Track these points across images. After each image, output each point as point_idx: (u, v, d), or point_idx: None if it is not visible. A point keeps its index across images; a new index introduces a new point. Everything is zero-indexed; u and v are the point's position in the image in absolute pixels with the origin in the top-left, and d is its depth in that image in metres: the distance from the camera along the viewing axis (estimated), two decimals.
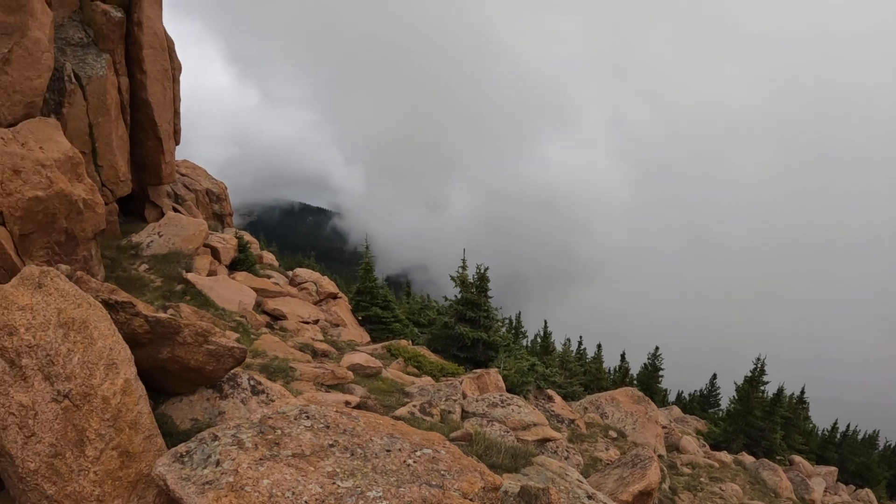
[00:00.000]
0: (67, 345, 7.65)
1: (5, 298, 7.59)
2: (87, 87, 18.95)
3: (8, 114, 15.29)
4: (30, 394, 7.38)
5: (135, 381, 8.06)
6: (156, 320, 9.16)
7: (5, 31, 15.20)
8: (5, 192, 13.99)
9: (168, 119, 22.92)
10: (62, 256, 15.57)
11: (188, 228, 21.45)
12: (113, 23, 20.69)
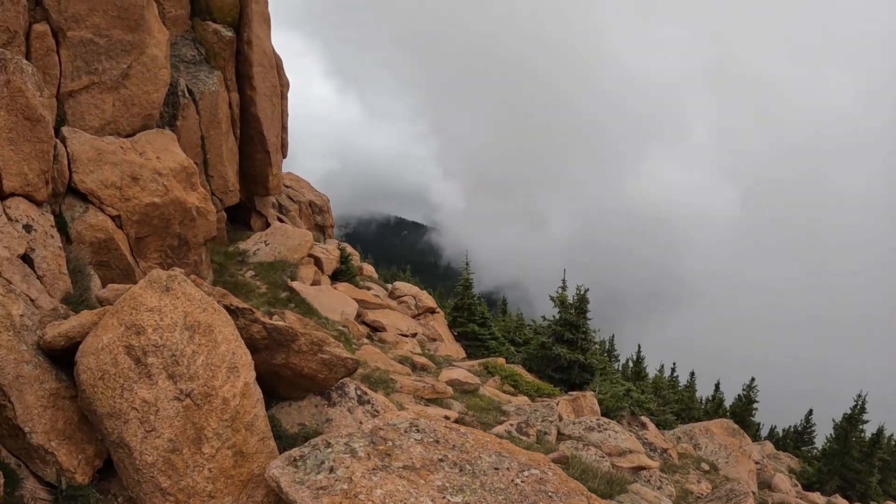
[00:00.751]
0: (192, 347, 8.04)
1: (134, 299, 8.04)
2: (200, 101, 19.90)
3: (127, 125, 16.24)
4: (153, 391, 7.78)
5: (253, 385, 8.41)
6: (273, 327, 9.56)
7: (125, 48, 16.17)
8: (124, 198, 14.82)
9: (276, 133, 23.82)
10: (174, 260, 16.31)
11: (294, 239, 22.16)
12: (224, 42, 21.69)
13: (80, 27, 15.41)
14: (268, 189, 23.83)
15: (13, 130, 12.56)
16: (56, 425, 8.50)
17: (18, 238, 12.18)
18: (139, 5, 16.41)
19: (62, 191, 14.26)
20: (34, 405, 8.45)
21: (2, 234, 12.01)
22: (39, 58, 14.78)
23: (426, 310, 28.46)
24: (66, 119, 15.25)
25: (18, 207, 12.71)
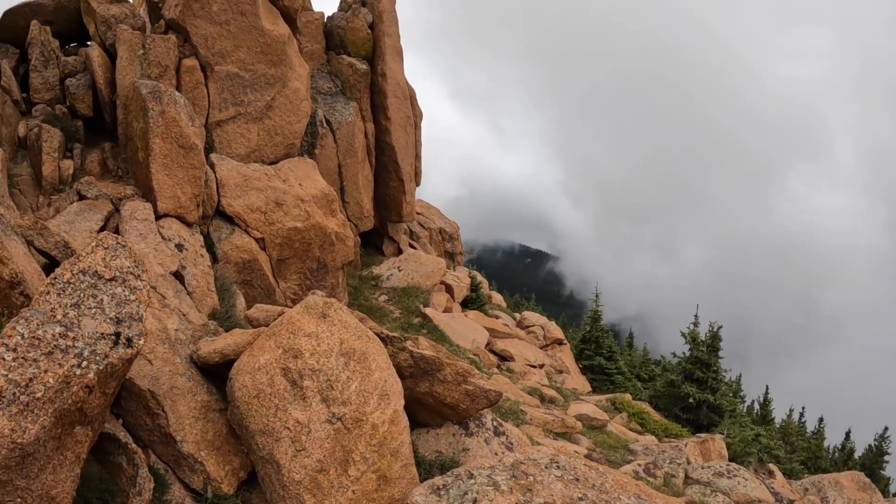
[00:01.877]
0: (347, 373, 8.34)
1: (292, 324, 8.41)
2: (338, 131, 20.65)
3: (271, 153, 17.07)
4: (307, 413, 8.08)
5: (402, 412, 8.64)
6: (420, 356, 9.80)
7: (269, 81, 17.07)
8: (268, 222, 15.52)
9: (410, 162, 24.40)
10: (313, 282, 16.86)
11: (427, 266, 22.52)
12: (359, 74, 22.48)
13: (226, 62, 16.38)
14: (401, 216, 24.36)
15: (168, 157, 13.39)
16: (206, 436, 8.91)
17: (171, 256, 12.95)
18: (281, 41, 17.31)
19: (211, 213, 15.10)
20: (186, 415, 8.89)
21: (157, 252, 12.81)
22: (189, 90, 15.77)
23: (554, 341, 28.15)
24: (215, 146, 16.16)
25: (171, 228, 13.55)
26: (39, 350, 5.51)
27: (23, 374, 5.39)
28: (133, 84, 14.17)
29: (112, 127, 15.58)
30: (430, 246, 28.83)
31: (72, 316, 5.78)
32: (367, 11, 23.86)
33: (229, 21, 16.35)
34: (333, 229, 16.83)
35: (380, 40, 23.55)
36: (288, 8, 18.07)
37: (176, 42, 15.68)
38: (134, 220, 13.08)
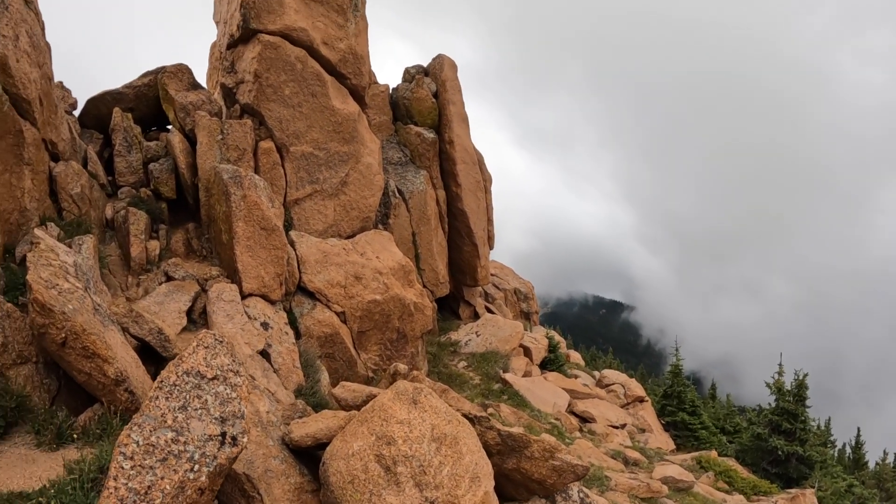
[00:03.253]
0: (439, 458, 8.39)
1: (385, 411, 8.53)
2: (410, 200, 20.96)
3: (347, 227, 17.38)
4: (400, 497, 8.11)
5: (492, 493, 8.65)
6: (507, 434, 9.86)
7: (343, 158, 17.51)
8: (348, 296, 15.74)
9: (482, 226, 24.57)
10: (393, 352, 16.96)
11: (505, 330, 22.45)
12: (427, 143, 22.87)
13: (301, 142, 16.88)
14: (476, 280, 24.45)
15: (251, 239, 13.76)
16: None
17: (258, 335, 13.22)
18: (352, 119, 17.79)
19: (293, 290, 15.41)
20: (281, 498, 8.96)
21: (244, 332, 13.10)
22: (267, 171, 16.25)
23: (635, 398, 27.56)
24: (293, 224, 16.55)
25: (256, 307, 13.85)
26: (154, 457, 5.68)
27: (141, 482, 5.55)
28: (214, 169, 14.70)
29: (195, 208, 16.11)
30: (506, 307, 28.78)
31: (181, 419, 5.94)
32: (430, 81, 24.38)
33: (301, 103, 16.92)
34: (412, 300, 16.98)
35: (445, 108, 23.99)
36: (356, 86, 18.60)
37: (252, 126, 16.26)
38: (221, 301, 13.42)
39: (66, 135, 14.72)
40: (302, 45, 17.26)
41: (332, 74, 17.93)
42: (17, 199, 12.03)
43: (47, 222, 12.84)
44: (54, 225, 12.87)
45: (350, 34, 18.70)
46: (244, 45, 17.11)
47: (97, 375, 7.83)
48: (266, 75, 16.48)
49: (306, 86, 17.04)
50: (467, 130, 25.30)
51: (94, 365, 7.77)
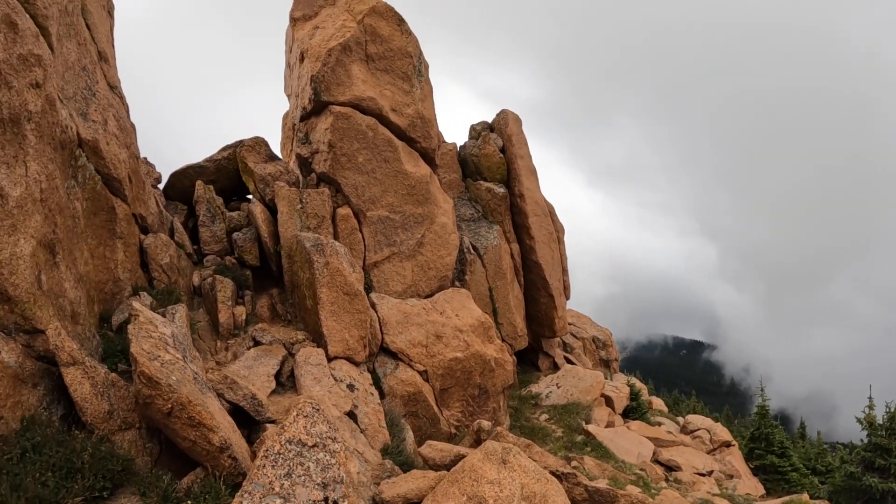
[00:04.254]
0: None
1: (475, 471, 8.77)
2: (485, 256, 21.30)
3: (426, 287, 17.79)
4: None
5: None
6: (595, 489, 9.97)
7: (418, 220, 18.02)
8: (429, 354, 16.04)
9: (558, 277, 24.70)
10: (475, 408, 17.11)
11: (585, 380, 22.38)
12: (498, 198, 23.27)
13: (377, 207, 17.46)
14: (554, 331, 24.51)
15: (335, 304, 14.23)
16: None
17: (345, 397, 13.58)
18: (425, 181, 18.34)
19: (375, 351, 15.80)
20: None
21: (331, 394, 13.47)
22: (346, 236, 16.82)
23: (721, 443, 26.89)
24: (373, 286, 17.02)
25: (342, 369, 14.25)
26: None
27: None
28: (296, 237, 15.32)
29: (278, 275, 16.73)
30: (585, 356, 28.65)
31: (287, 486, 6.26)
32: (496, 136, 24.85)
33: (375, 169, 17.54)
34: (492, 355, 17.18)
35: (513, 162, 24.39)
36: (426, 149, 19.18)
37: (329, 194, 16.92)
38: (308, 364, 13.87)
39: (153, 208, 15.54)
40: (372, 114, 17.97)
41: (402, 139, 18.57)
42: (111, 271, 12.73)
43: (140, 291, 13.51)
44: (147, 294, 13.54)
45: (416, 99, 19.36)
46: (317, 116, 17.92)
47: (202, 443, 8.22)
48: (339, 144, 17.18)
49: (378, 152, 17.68)
50: (536, 183, 25.63)
51: (200, 433, 8.17)
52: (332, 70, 17.80)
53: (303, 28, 20.32)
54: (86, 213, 12.07)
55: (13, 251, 8.04)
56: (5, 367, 7.89)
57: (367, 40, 18.78)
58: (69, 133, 11.14)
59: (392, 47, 19.29)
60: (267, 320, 16.05)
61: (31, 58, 8.74)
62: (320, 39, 18.64)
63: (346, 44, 18.27)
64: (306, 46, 18.86)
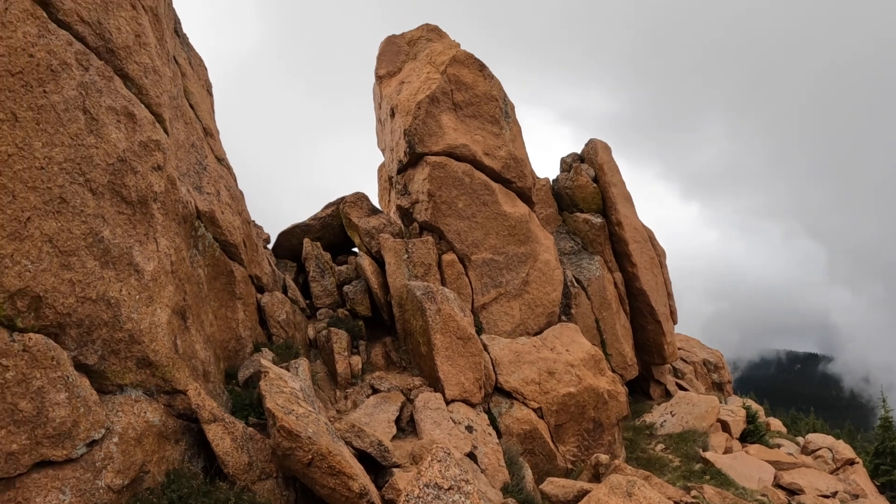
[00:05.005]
0: None
1: None
2: (588, 287, 21.42)
3: (534, 324, 18.04)
4: None
5: None
6: None
7: (521, 259, 18.36)
8: (543, 391, 16.23)
9: (663, 302, 24.56)
10: (590, 442, 17.15)
11: (700, 406, 22.05)
12: (596, 228, 23.39)
13: (480, 250, 17.88)
14: (664, 358, 24.32)
15: (449, 349, 14.64)
16: None
17: (464, 439, 13.92)
18: (524, 221, 18.70)
19: (490, 391, 16.09)
20: None
21: (451, 436, 13.83)
22: (452, 281, 17.27)
23: (844, 462, 25.87)
24: (483, 327, 17.38)
25: (459, 411, 14.62)
26: None
27: None
28: (405, 286, 15.86)
29: (390, 323, 17.28)
30: (697, 380, 28.20)
31: None
32: (587, 167, 25.02)
33: (475, 213, 18.01)
34: (605, 388, 17.25)
35: (607, 191, 24.50)
36: (522, 188, 19.57)
37: (433, 242, 17.47)
38: (427, 409, 14.28)
39: (267, 268, 16.36)
40: (466, 160, 18.50)
41: (497, 181, 19.02)
42: (233, 329, 13.48)
43: (261, 348, 14.25)
44: (268, 350, 14.25)
45: (507, 140, 19.81)
46: (413, 168, 18.57)
47: (341, 490, 8.70)
48: (438, 193, 17.74)
49: (477, 196, 18.16)
50: (633, 209, 25.65)
51: (339, 481, 8.67)
52: (423, 122, 18.45)
53: (389, 84, 21.15)
54: (208, 278, 12.87)
55: (152, 320, 8.69)
56: (150, 426, 8.52)
57: (452, 89, 19.40)
58: (189, 207, 11.99)
59: (477, 93, 19.86)
60: (382, 368, 16.58)
61: (151, 143, 9.48)
62: (408, 94, 19.37)
63: (433, 95, 18.92)
64: (395, 102, 19.62)
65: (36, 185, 7.06)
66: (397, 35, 22.76)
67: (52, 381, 6.93)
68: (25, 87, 7.19)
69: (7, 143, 6.86)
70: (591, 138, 26.22)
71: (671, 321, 25.38)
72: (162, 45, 11.43)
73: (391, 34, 22.86)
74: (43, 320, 6.99)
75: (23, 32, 7.28)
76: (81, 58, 8.08)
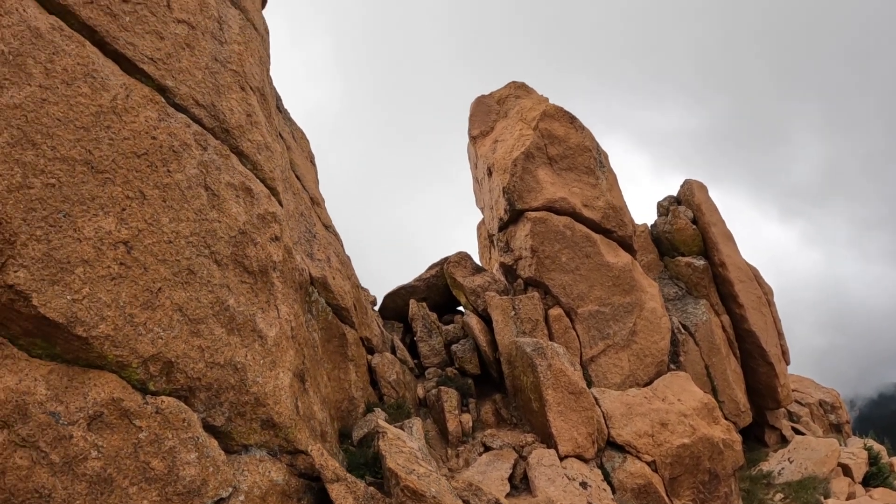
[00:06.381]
0: None
1: None
2: (696, 333, 21.15)
3: (643, 375, 17.95)
4: None
5: None
6: None
7: (627, 309, 18.37)
8: (656, 444, 16.09)
9: (774, 343, 23.97)
10: (706, 494, 16.83)
11: (819, 451, 21.33)
12: (699, 271, 23.14)
13: (586, 303, 17.99)
14: (778, 401, 23.62)
15: (561, 404, 14.76)
16: None
17: (579, 495, 13.92)
18: (628, 270, 18.74)
19: (602, 445, 16.04)
20: None
21: (565, 493, 13.86)
22: (560, 335, 17.41)
23: None
24: (592, 380, 17.40)
25: (573, 467, 14.63)
26: None
27: None
28: (514, 343, 16.09)
29: (499, 380, 17.48)
30: (813, 423, 27.20)
31: None
32: (684, 209, 24.83)
33: (578, 266, 18.16)
34: (719, 437, 16.95)
35: (707, 232, 24.22)
36: (622, 237, 19.62)
37: (539, 297, 17.68)
38: (541, 466, 14.36)
39: (376, 330, 16.87)
40: (566, 213, 18.72)
41: (598, 232, 19.14)
42: (345, 391, 13.93)
43: (373, 408, 14.65)
44: (380, 410, 14.63)
45: (604, 190, 19.96)
46: (514, 225, 18.91)
47: None
48: (541, 248, 17.99)
49: (579, 249, 18.32)
50: (734, 247, 25.26)
51: None
52: (521, 178, 18.81)
53: (483, 144, 21.65)
54: (321, 341, 13.42)
55: (275, 384, 9.11)
56: (274, 485, 8.89)
57: (545, 144, 19.74)
58: (304, 275, 12.59)
59: (570, 145, 20.14)
60: (493, 425, 16.75)
61: (268, 215, 10.04)
62: (503, 152, 19.80)
63: (528, 151, 19.30)
64: (491, 161, 20.07)
65: (165, 257, 7.66)
66: (486, 95, 23.32)
67: (183, 442, 7.36)
68: (151, 167, 7.86)
69: (137, 219, 7.48)
70: (686, 179, 26.08)
71: (783, 362, 24.69)
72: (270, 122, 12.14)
73: (480, 95, 23.45)
74: (174, 384, 7.48)
75: (144, 117, 7.98)
76: (199, 138, 8.78)
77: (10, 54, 6.71)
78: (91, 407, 6.64)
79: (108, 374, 6.91)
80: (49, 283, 6.46)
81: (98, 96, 7.48)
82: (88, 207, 7.01)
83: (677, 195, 26.03)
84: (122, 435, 6.83)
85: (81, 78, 7.37)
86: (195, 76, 9.12)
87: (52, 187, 6.72)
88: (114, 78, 7.78)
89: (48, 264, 6.50)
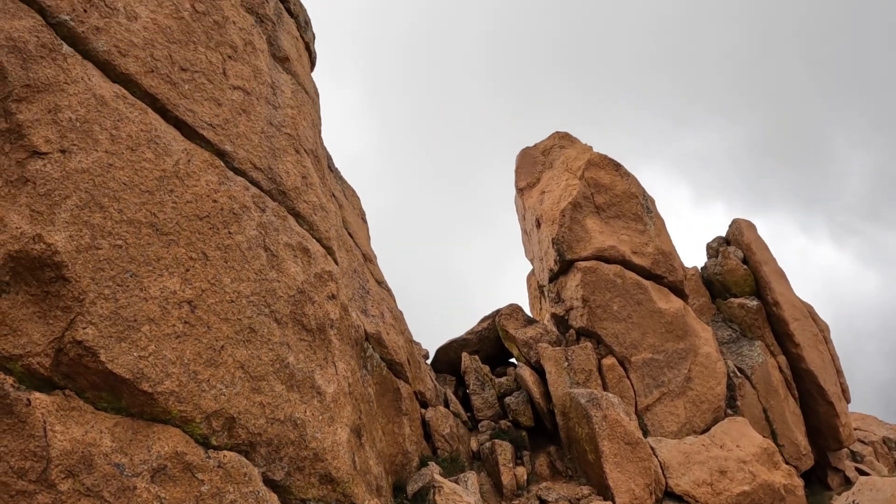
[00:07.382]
0: None
1: None
2: (752, 376, 21.02)
3: (700, 422, 17.92)
4: None
5: None
6: None
7: (681, 355, 18.41)
8: (715, 492, 16.02)
9: (833, 381, 23.63)
10: None
11: (885, 490, 20.81)
12: (752, 312, 23.02)
13: (639, 351, 18.10)
14: (840, 442, 23.20)
15: (617, 455, 14.85)
16: None
17: None
18: (680, 315, 18.80)
19: (660, 496, 16.02)
20: None
21: None
22: (614, 385, 17.52)
23: None
24: (647, 429, 17.42)
25: None
26: None
27: None
28: (568, 394, 16.27)
29: (553, 432, 17.59)
30: (878, 462, 26.57)
31: None
32: (734, 249, 24.77)
33: (631, 314, 18.31)
34: (780, 482, 16.80)
35: (758, 271, 24.11)
36: (673, 282, 19.72)
37: (592, 347, 17.85)
38: None
39: (429, 384, 17.16)
40: (615, 261, 18.94)
41: (649, 279, 19.29)
42: (399, 444, 14.18)
43: (427, 461, 14.88)
44: (434, 464, 14.86)
45: (652, 236, 20.13)
46: (564, 275, 19.16)
47: None
48: (592, 298, 18.20)
49: (630, 297, 18.49)
50: (788, 285, 25.07)
51: None
52: (570, 229, 19.11)
53: (531, 196, 22.03)
54: (376, 395, 13.75)
55: (333, 439, 9.30)
56: None
57: (592, 193, 20.04)
58: (359, 331, 12.98)
59: (616, 193, 20.40)
60: (548, 478, 16.82)
61: (325, 274, 10.35)
62: (550, 203, 20.14)
63: (575, 201, 19.61)
64: (539, 212, 20.42)
65: (228, 316, 7.89)
66: (530, 147, 23.75)
67: (244, 496, 7.46)
68: (213, 229, 8.12)
69: (200, 279, 7.75)
70: (735, 219, 26.07)
71: (843, 400, 24.27)
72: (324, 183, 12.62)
73: (525, 147, 23.88)
74: (236, 439, 7.64)
75: (205, 181, 8.26)
76: (258, 200, 9.07)
77: (78, 121, 7.07)
78: (155, 460, 6.82)
79: (172, 429, 7.10)
80: (116, 339, 6.72)
81: (161, 161, 7.83)
82: (154, 268, 7.31)
83: (726, 235, 26.00)
84: (185, 488, 6.99)
85: (145, 143, 7.73)
86: (252, 140, 9.52)
87: (120, 248, 7.02)
88: (175, 143, 8.14)
89: (116, 322, 6.76)
